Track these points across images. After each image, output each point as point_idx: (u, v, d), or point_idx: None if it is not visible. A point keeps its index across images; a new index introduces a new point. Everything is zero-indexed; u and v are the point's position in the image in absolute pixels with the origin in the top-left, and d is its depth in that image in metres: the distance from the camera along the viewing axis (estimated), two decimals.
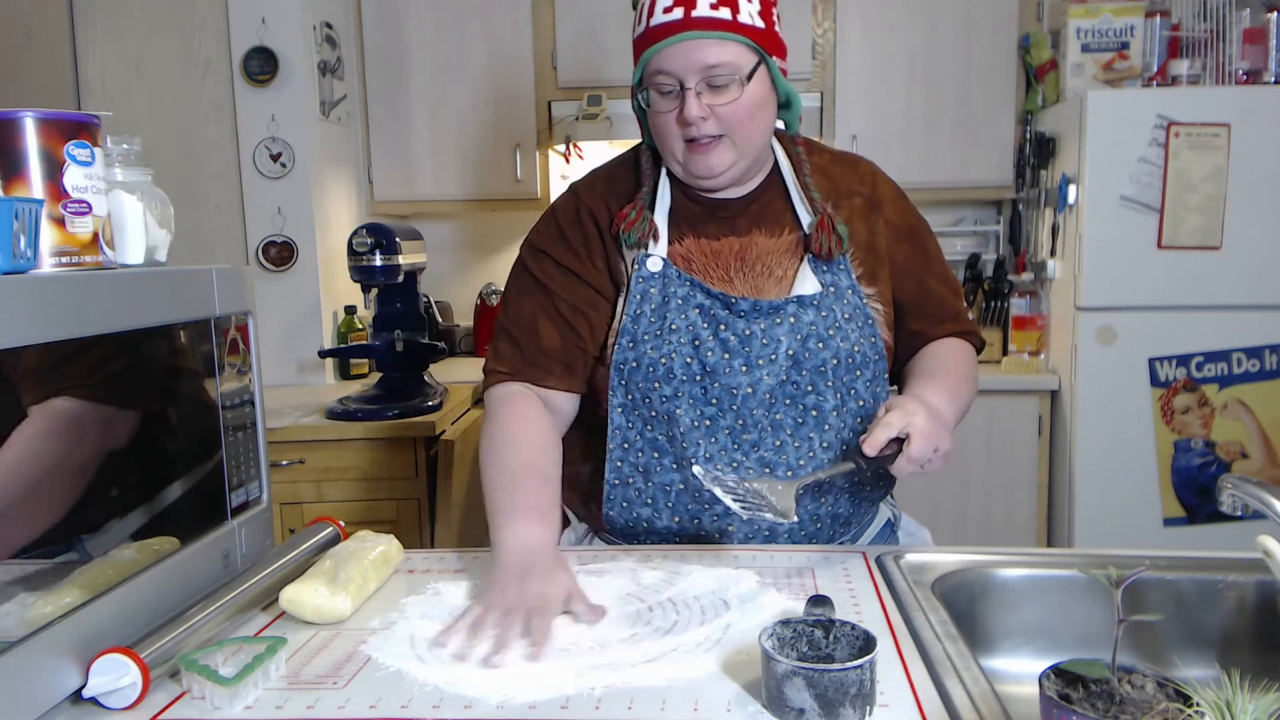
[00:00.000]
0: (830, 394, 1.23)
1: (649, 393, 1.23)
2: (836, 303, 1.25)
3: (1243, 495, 0.98)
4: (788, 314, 1.22)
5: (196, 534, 1.06)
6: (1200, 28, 2.85)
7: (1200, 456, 2.70)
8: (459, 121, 3.16)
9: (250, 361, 1.17)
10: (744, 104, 1.19)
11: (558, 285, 1.29)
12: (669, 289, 1.24)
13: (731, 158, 1.22)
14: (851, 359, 1.24)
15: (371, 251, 2.40)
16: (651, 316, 1.24)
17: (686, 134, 1.20)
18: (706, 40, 1.15)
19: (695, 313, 1.23)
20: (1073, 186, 2.73)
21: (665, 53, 1.16)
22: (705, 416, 1.22)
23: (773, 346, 1.22)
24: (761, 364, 1.22)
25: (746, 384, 1.21)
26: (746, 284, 1.25)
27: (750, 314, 1.22)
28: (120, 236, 1.00)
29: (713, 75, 1.16)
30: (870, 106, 3.07)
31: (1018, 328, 3.02)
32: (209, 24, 2.85)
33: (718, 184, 1.25)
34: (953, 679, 0.86)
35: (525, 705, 0.83)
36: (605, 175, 1.35)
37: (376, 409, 2.45)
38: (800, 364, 1.22)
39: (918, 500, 2.91)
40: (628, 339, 1.24)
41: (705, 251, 1.26)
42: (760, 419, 1.22)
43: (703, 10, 1.15)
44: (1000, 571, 1.16)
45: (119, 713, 0.85)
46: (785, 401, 1.22)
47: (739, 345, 1.22)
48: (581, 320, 1.28)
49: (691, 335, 1.22)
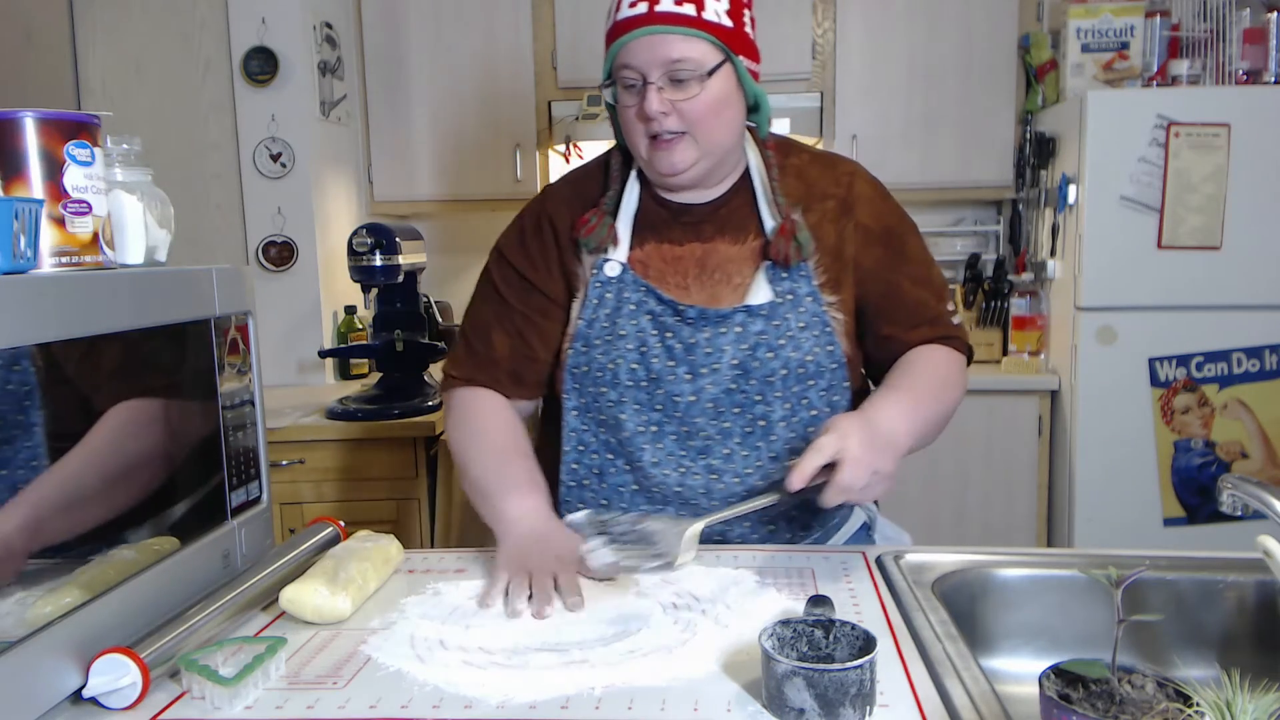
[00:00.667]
0: (779, 404, 1.22)
1: (598, 397, 1.25)
2: (792, 311, 1.23)
3: (1243, 495, 0.98)
4: (734, 323, 1.22)
5: (196, 534, 1.06)
6: (1200, 28, 2.85)
7: (1200, 456, 2.70)
8: (459, 121, 3.16)
9: (250, 361, 1.17)
10: (705, 100, 1.18)
11: (513, 294, 1.32)
12: (623, 294, 1.25)
13: (694, 155, 1.21)
14: (803, 369, 1.22)
15: (371, 251, 2.40)
16: (604, 321, 1.25)
17: (649, 129, 1.19)
18: (670, 35, 1.15)
19: (646, 319, 1.24)
20: (1073, 186, 2.73)
21: (629, 47, 1.17)
22: (652, 422, 1.23)
23: (716, 355, 1.21)
24: (705, 372, 1.22)
25: (690, 392, 1.22)
26: (704, 291, 1.25)
27: (698, 322, 1.22)
28: (120, 236, 1.00)
29: (675, 70, 1.16)
30: (870, 106, 3.07)
31: (1018, 328, 3.02)
32: (209, 24, 2.85)
33: (682, 182, 1.24)
34: (953, 679, 0.86)
35: (525, 705, 0.83)
36: (573, 179, 1.37)
37: (376, 409, 2.45)
38: (749, 373, 1.21)
39: (917, 500, 2.92)
40: (581, 343, 1.26)
41: (666, 257, 1.27)
42: (706, 427, 1.22)
43: (666, 5, 1.15)
44: (1000, 571, 1.16)
45: (119, 713, 0.85)
46: (734, 410, 1.22)
47: (684, 353, 1.22)
48: (533, 330, 1.30)
49: (639, 341, 1.23)
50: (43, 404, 0.84)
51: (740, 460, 1.23)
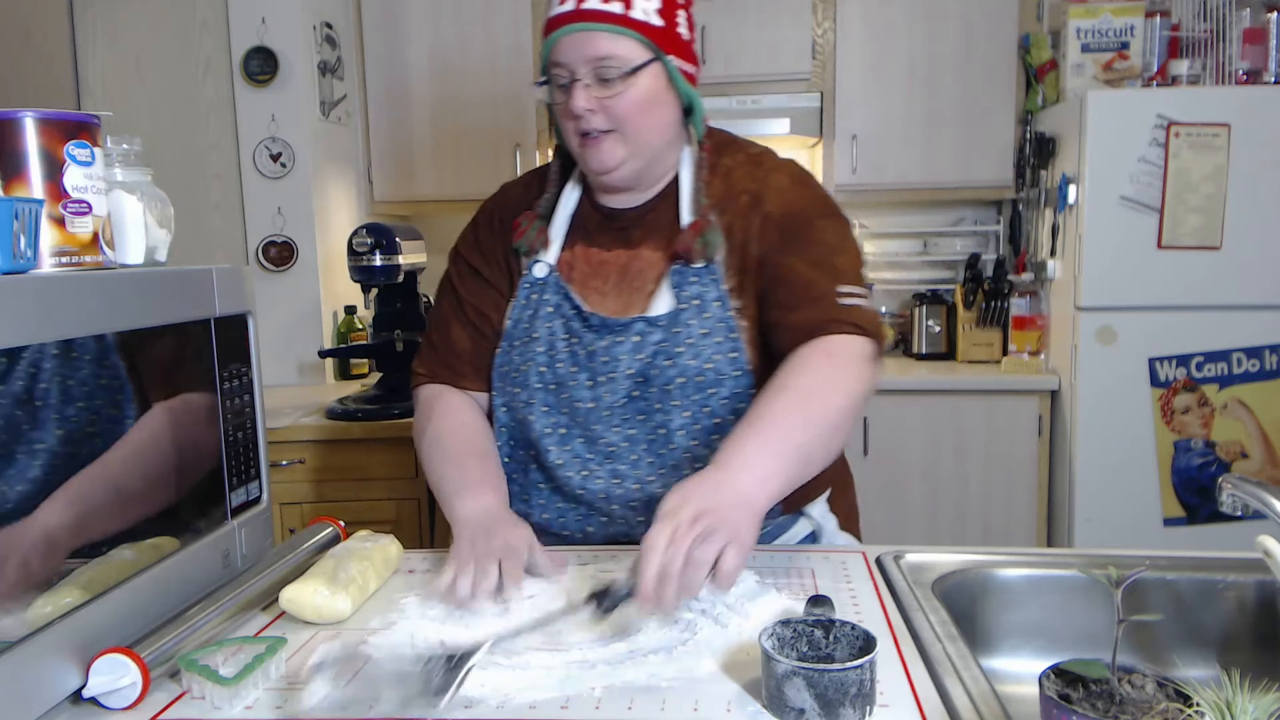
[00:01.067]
0: (677, 412, 1.20)
1: (513, 396, 1.27)
2: (696, 316, 1.20)
3: (1243, 495, 0.98)
4: (632, 333, 1.21)
5: (196, 534, 1.06)
6: (1200, 28, 2.85)
7: (1200, 456, 2.70)
8: (459, 121, 3.16)
9: (250, 361, 1.17)
10: (631, 98, 1.17)
11: (467, 289, 1.33)
12: (544, 296, 1.26)
13: (622, 154, 1.20)
14: (703, 377, 1.19)
15: (371, 251, 2.40)
16: (525, 323, 1.27)
17: (578, 127, 1.19)
18: (596, 32, 1.15)
19: (559, 323, 1.25)
20: (1073, 186, 2.73)
21: (559, 44, 1.17)
22: (560, 425, 1.24)
23: (613, 364, 1.21)
24: (603, 380, 1.22)
25: (589, 398, 1.22)
26: (621, 298, 1.25)
27: (600, 329, 1.23)
28: (120, 236, 1.00)
29: (601, 68, 1.15)
30: (870, 106, 3.07)
31: (1018, 328, 3.02)
32: (209, 24, 2.85)
33: (613, 180, 1.23)
34: (953, 679, 0.86)
35: (525, 705, 0.83)
36: (527, 179, 1.38)
37: (376, 409, 2.45)
38: (649, 381, 1.20)
39: (917, 500, 2.92)
40: (506, 342, 1.29)
41: (592, 261, 1.27)
42: (607, 434, 1.23)
43: (593, 3, 1.15)
44: (1000, 571, 1.16)
45: (119, 713, 0.85)
46: (638, 418, 1.22)
47: (586, 359, 1.23)
48: (486, 323, 1.31)
49: (549, 345, 1.24)
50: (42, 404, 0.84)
51: (645, 467, 1.23)
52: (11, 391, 0.80)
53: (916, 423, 2.90)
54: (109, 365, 0.92)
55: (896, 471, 2.92)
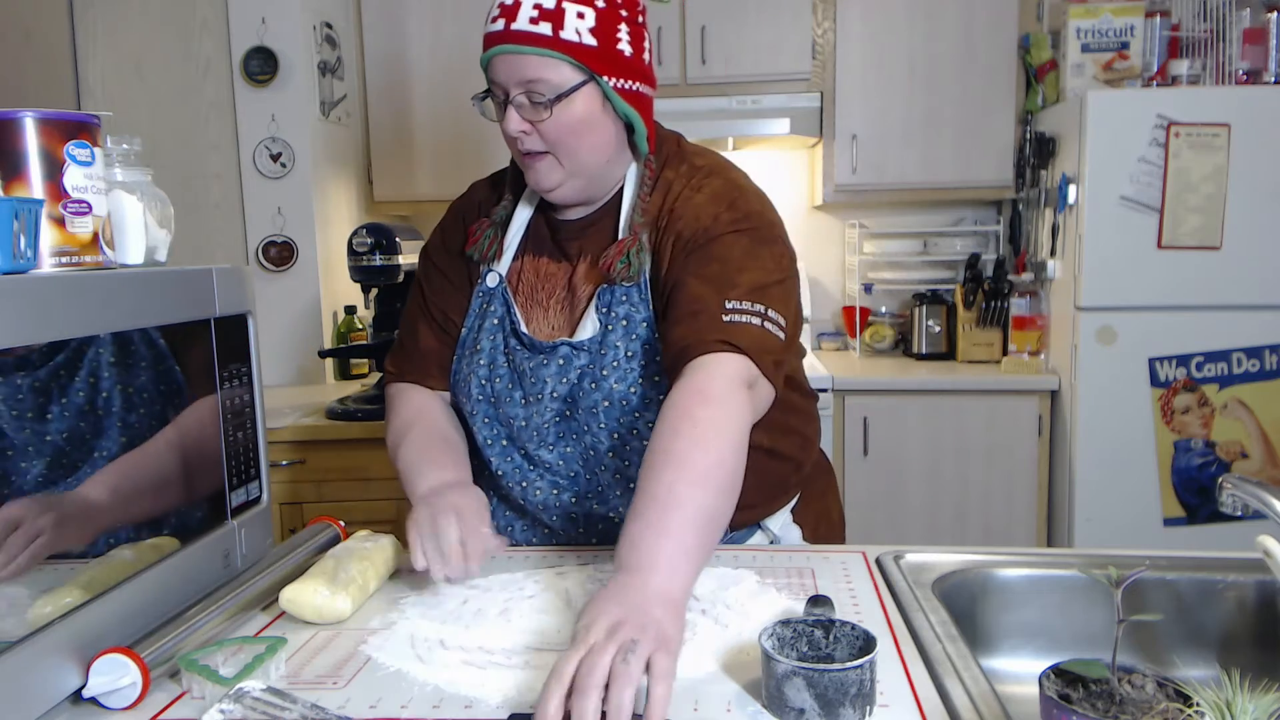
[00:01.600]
0: (604, 434, 1.19)
1: (461, 404, 1.28)
2: (622, 339, 1.17)
3: (1243, 495, 0.98)
4: (557, 356, 1.20)
5: (196, 534, 1.06)
6: (1200, 28, 2.85)
7: (1200, 456, 2.70)
8: (459, 121, 3.16)
9: (250, 361, 1.17)
10: (562, 123, 1.13)
11: (432, 289, 1.33)
12: (490, 307, 1.26)
13: (559, 176, 1.17)
14: (626, 401, 1.16)
15: (371, 251, 2.40)
16: (474, 332, 1.27)
17: (516, 146, 1.17)
18: (525, 55, 1.11)
19: (500, 337, 1.25)
20: (1073, 186, 2.73)
21: (491, 62, 1.14)
22: (500, 437, 1.25)
23: (540, 385, 1.20)
24: (533, 400, 1.21)
25: (522, 416, 1.22)
26: (561, 314, 1.23)
27: (530, 349, 1.22)
28: (120, 236, 1.00)
29: (531, 90, 1.12)
30: (870, 106, 3.07)
31: (1018, 328, 3.02)
32: (209, 24, 2.85)
33: (557, 198, 1.21)
34: (953, 679, 0.86)
35: (526, 705, 0.83)
36: (493, 180, 1.37)
37: (376, 409, 2.45)
38: (576, 403, 1.19)
39: (917, 500, 2.92)
40: (459, 350, 1.29)
41: (540, 273, 1.26)
42: (542, 451, 1.22)
43: (522, 24, 1.10)
44: (1000, 571, 1.16)
45: (119, 713, 0.85)
46: (571, 437, 1.21)
47: (518, 379, 1.23)
48: (450, 324, 1.31)
49: (490, 359, 1.24)
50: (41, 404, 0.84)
51: (584, 483, 1.23)
52: (12, 391, 0.80)
53: (916, 423, 2.90)
54: (108, 366, 0.92)
55: (896, 471, 2.92)
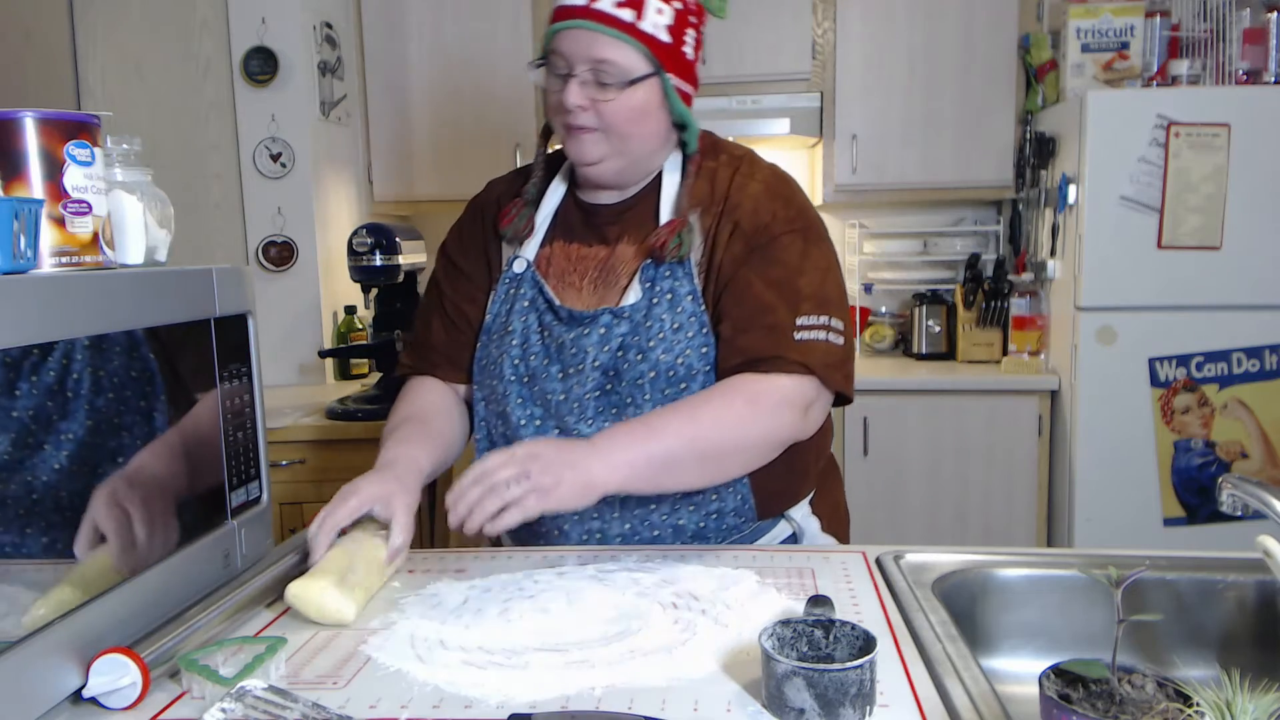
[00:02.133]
0: (649, 406, 1.20)
1: (491, 389, 1.28)
2: (668, 311, 1.21)
3: (1243, 495, 0.98)
4: (599, 325, 1.22)
5: (196, 534, 1.05)
6: (1200, 28, 2.85)
7: (1200, 456, 2.70)
8: (459, 121, 3.16)
9: (250, 361, 1.17)
10: (622, 106, 1.17)
11: (448, 282, 1.36)
12: (520, 290, 1.28)
13: (604, 152, 1.21)
14: (674, 371, 1.19)
15: (371, 251, 2.40)
16: (502, 316, 1.29)
17: (565, 119, 1.20)
18: (602, 34, 1.15)
19: (533, 316, 1.26)
20: (1073, 186, 2.73)
21: (562, 34, 1.17)
22: (534, 417, 1.25)
23: (581, 356, 1.22)
24: (572, 373, 1.23)
25: (560, 390, 1.23)
26: (595, 294, 1.25)
27: (569, 322, 1.24)
28: (120, 236, 1.00)
29: (599, 69, 1.16)
30: (870, 106, 3.07)
31: (1018, 328, 3.02)
32: (209, 24, 2.85)
33: (594, 174, 1.24)
34: (953, 679, 0.86)
35: (525, 705, 0.83)
36: (509, 177, 1.40)
37: (376, 409, 2.45)
38: (620, 375, 1.21)
39: (917, 500, 2.92)
40: (485, 336, 1.30)
41: (570, 257, 1.28)
42: (578, 425, 1.23)
43: (605, 4, 1.15)
44: (1000, 571, 1.16)
45: (119, 713, 0.85)
46: (610, 411, 1.22)
47: (557, 352, 1.24)
48: (462, 316, 1.34)
49: (524, 338, 1.26)
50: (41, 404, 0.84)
51: None
52: (12, 390, 0.80)
53: (916, 423, 2.90)
54: (108, 366, 0.92)
55: (896, 471, 2.92)
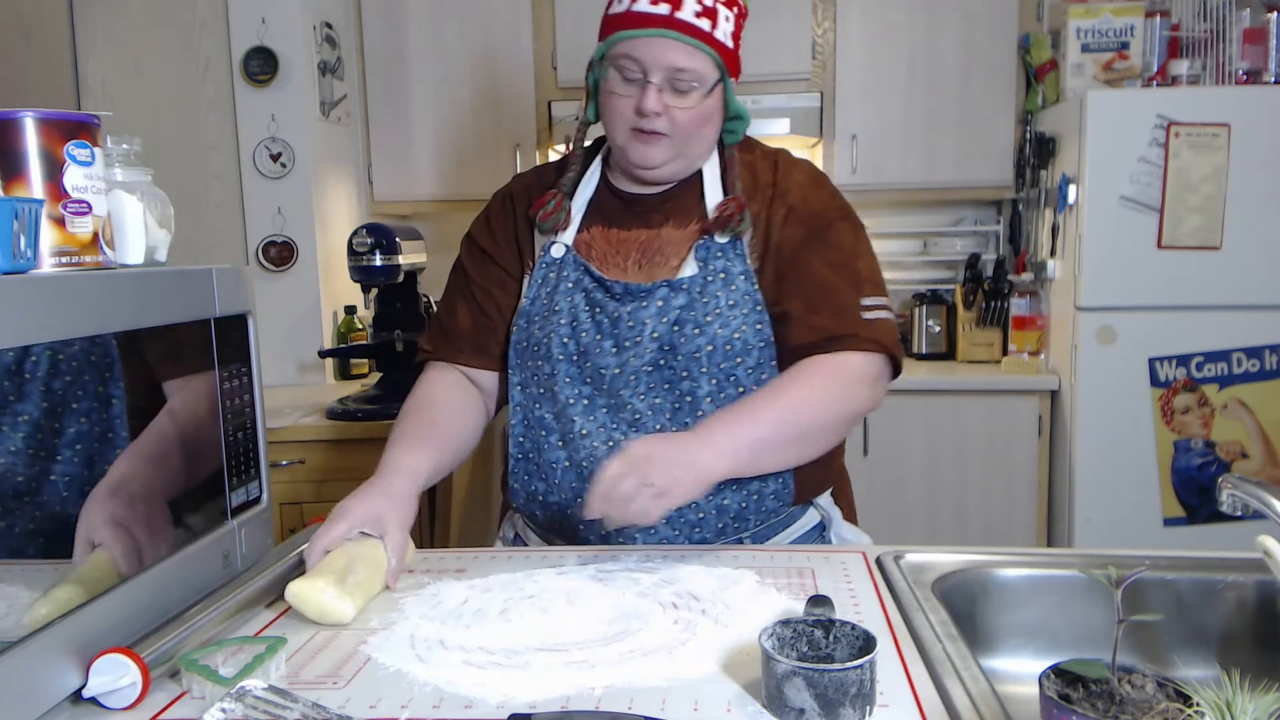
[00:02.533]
0: (705, 380, 1.24)
1: (536, 370, 1.29)
2: (723, 289, 1.25)
3: (1243, 495, 0.98)
4: (656, 297, 1.24)
5: (196, 534, 1.05)
6: (1200, 28, 2.85)
7: (1200, 456, 2.70)
8: (459, 121, 3.16)
9: (250, 361, 1.17)
10: (698, 113, 1.23)
11: (474, 269, 1.39)
12: (562, 273, 1.29)
13: (669, 155, 1.25)
14: (730, 346, 1.24)
15: (371, 251, 2.40)
16: (544, 299, 1.30)
17: (637, 123, 1.23)
18: (683, 43, 1.19)
19: (580, 295, 1.28)
20: (1073, 186, 2.73)
21: (640, 41, 1.19)
22: (584, 395, 1.26)
23: (639, 329, 1.24)
24: (629, 345, 1.24)
25: (615, 365, 1.24)
26: (643, 273, 1.28)
27: (623, 296, 1.26)
28: (120, 236, 1.00)
29: (677, 77, 1.20)
30: (870, 106, 3.06)
31: (1018, 328, 3.02)
32: (209, 24, 2.85)
33: (653, 176, 1.28)
34: (953, 679, 0.86)
35: (525, 705, 0.83)
36: (541, 168, 1.43)
37: (376, 409, 2.45)
38: (675, 349, 1.23)
39: (917, 500, 2.92)
40: (524, 320, 1.31)
41: (611, 240, 1.31)
42: (633, 400, 1.24)
43: (687, 14, 1.19)
44: (1000, 571, 1.16)
45: (119, 713, 0.85)
46: (664, 386, 1.25)
47: (610, 327, 1.25)
48: (491, 302, 1.35)
49: (571, 316, 1.27)
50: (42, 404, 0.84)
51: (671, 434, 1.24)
52: (12, 390, 0.80)
53: (916, 423, 2.90)
54: (109, 366, 0.92)
55: (896, 471, 2.92)
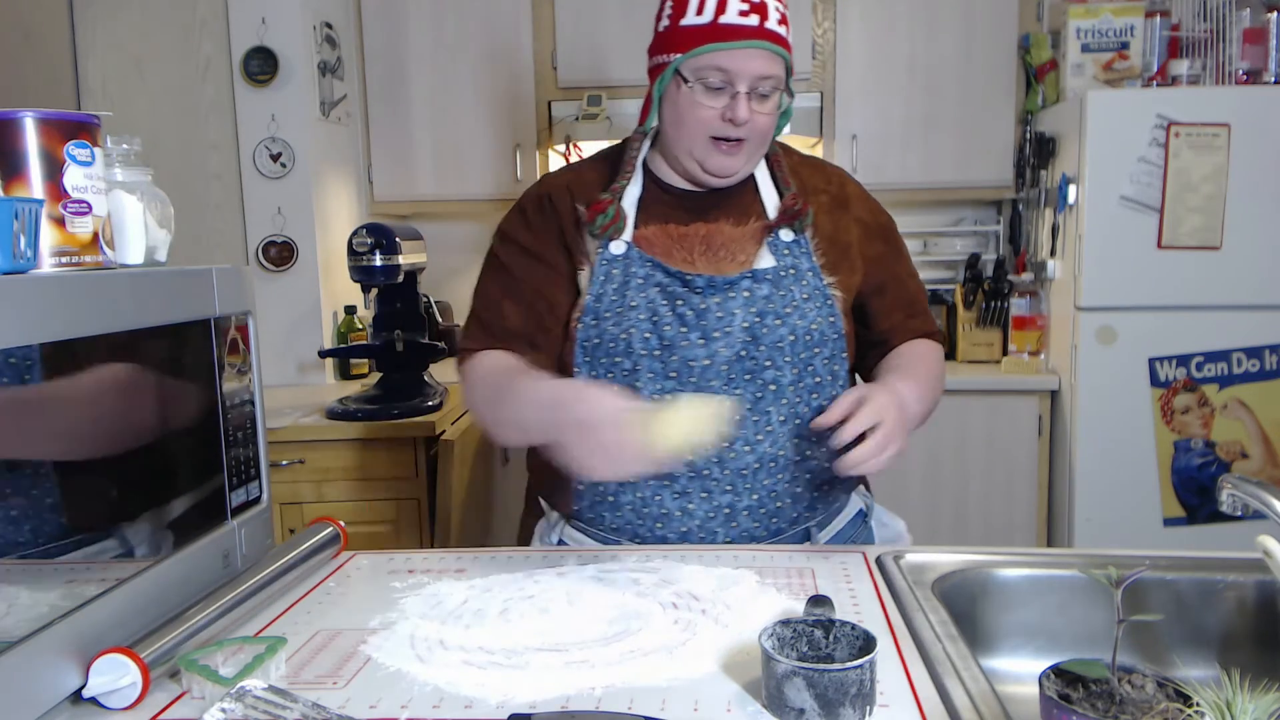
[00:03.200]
0: (788, 369, 1.26)
1: (611, 368, 1.28)
2: (795, 283, 1.28)
3: (1243, 495, 0.98)
4: (742, 288, 1.26)
5: (196, 534, 1.06)
6: (1200, 28, 2.85)
7: (1200, 456, 2.70)
8: (459, 121, 3.16)
9: (250, 361, 1.17)
10: (774, 116, 1.28)
11: (520, 268, 1.35)
12: (630, 269, 1.29)
13: (745, 160, 1.29)
14: (810, 336, 1.27)
15: (371, 251, 2.40)
16: (613, 295, 1.28)
17: (723, 131, 1.25)
18: (769, 52, 1.23)
19: (655, 290, 1.27)
20: (1073, 186, 2.73)
21: (732, 52, 1.22)
22: (666, 390, 1.25)
23: (728, 319, 1.25)
24: (718, 336, 1.25)
25: (704, 356, 1.25)
26: (709, 266, 1.29)
27: (706, 289, 1.26)
28: (120, 236, 1.00)
29: (761, 84, 1.24)
30: (870, 106, 3.06)
31: (1018, 328, 3.02)
32: (209, 24, 2.85)
33: (726, 181, 1.31)
34: (953, 679, 0.86)
35: (525, 705, 0.83)
36: (573, 167, 1.44)
37: (376, 409, 2.45)
38: (758, 339, 1.25)
39: (917, 500, 2.92)
40: (591, 317, 1.29)
41: (671, 235, 1.31)
42: (719, 392, 1.25)
43: (773, 24, 1.24)
44: (1000, 571, 1.16)
45: (119, 713, 0.85)
46: (744, 376, 1.25)
47: (695, 319, 1.25)
48: (542, 301, 1.33)
49: (650, 311, 1.26)
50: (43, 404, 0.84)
51: (751, 426, 1.25)
52: (13, 390, 0.80)
53: None
54: (109, 366, 0.92)
55: (896, 471, 2.91)
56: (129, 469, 0.96)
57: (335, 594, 1.13)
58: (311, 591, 1.14)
